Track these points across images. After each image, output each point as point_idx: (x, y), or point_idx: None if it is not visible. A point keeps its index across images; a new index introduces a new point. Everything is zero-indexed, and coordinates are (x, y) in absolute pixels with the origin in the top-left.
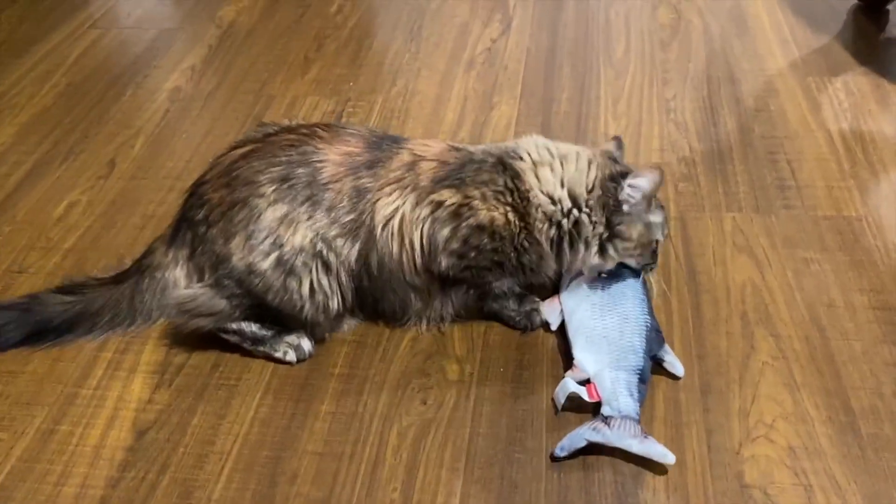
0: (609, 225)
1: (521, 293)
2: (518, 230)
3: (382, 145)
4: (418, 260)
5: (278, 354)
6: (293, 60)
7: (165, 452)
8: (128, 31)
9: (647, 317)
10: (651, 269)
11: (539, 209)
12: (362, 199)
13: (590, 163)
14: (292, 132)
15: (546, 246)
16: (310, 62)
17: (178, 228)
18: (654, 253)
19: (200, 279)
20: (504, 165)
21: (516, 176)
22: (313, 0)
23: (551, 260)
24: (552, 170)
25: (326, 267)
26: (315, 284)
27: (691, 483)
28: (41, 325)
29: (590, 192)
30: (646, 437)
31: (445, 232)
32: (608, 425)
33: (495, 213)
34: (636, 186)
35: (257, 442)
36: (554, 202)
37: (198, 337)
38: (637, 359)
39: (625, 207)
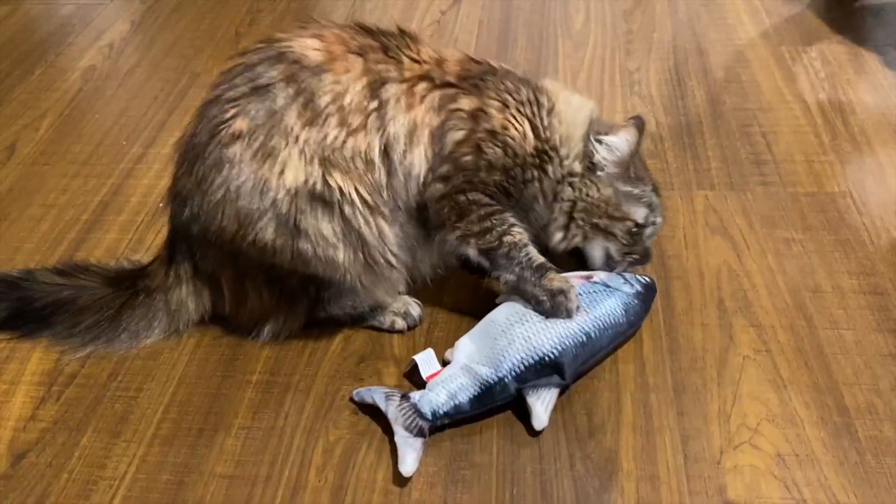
0: (579, 186)
1: (542, 264)
2: (532, 151)
3: (385, 33)
4: (423, 168)
5: (385, 327)
6: (223, 35)
7: (46, 479)
8: (41, 7)
9: (553, 350)
10: (633, 264)
11: (556, 137)
12: (386, 86)
13: (594, 111)
14: (243, 54)
15: (552, 178)
16: (241, 36)
17: (171, 243)
18: (635, 239)
19: (217, 287)
20: (528, 81)
21: (539, 90)
22: None
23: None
24: (568, 106)
25: (343, 198)
26: (339, 227)
27: (665, 500)
28: (24, 302)
29: (579, 139)
30: (413, 438)
31: (459, 135)
32: (398, 401)
33: (512, 124)
34: (611, 146)
35: (156, 464)
36: (567, 139)
37: None
38: (490, 373)
39: (599, 172)
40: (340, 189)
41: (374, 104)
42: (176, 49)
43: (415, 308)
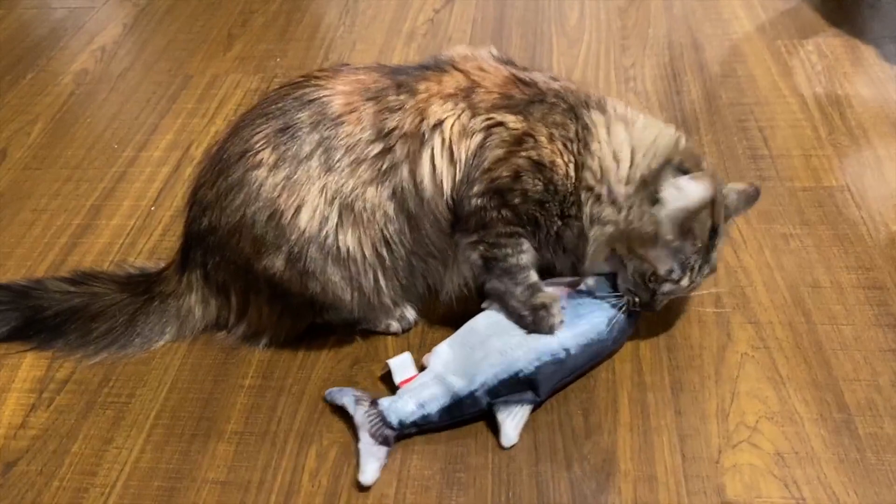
0: (626, 207)
1: (535, 283)
2: (570, 190)
3: (407, 71)
4: (449, 182)
5: (380, 329)
6: (215, 37)
7: (36, 488)
8: (32, 12)
9: (529, 365)
10: (631, 305)
11: (598, 161)
12: (391, 115)
13: (675, 140)
14: (280, 88)
15: (587, 210)
16: (233, 38)
17: (186, 249)
18: (647, 285)
19: (224, 297)
20: (576, 115)
21: (586, 128)
22: None
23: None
24: (627, 127)
25: (357, 233)
26: (346, 275)
27: (663, 500)
28: (33, 312)
29: (644, 165)
30: (377, 446)
31: (499, 152)
32: (367, 406)
33: (559, 159)
34: (683, 190)
35: (148, 470)
36: (616, 159)
37: None
38: (462, 385)
39: (661, 210)
40: (349, 249)
41: (380, 146)
42: (168, 52)
43: (410, 311)
